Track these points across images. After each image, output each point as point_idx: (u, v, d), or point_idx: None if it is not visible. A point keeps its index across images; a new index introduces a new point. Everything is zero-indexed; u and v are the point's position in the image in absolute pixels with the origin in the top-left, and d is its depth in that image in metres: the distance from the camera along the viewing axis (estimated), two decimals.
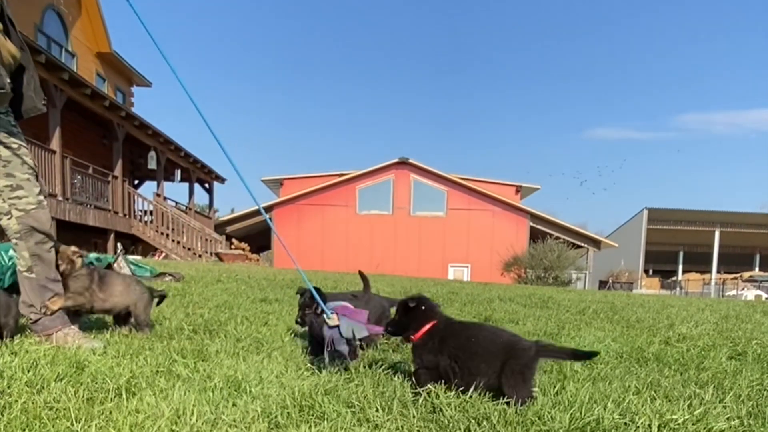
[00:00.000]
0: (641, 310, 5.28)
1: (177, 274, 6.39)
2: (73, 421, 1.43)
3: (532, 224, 24.67)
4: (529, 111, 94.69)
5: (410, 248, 24.70)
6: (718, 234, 36.56)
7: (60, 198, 11.96)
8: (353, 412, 1.65)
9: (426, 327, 1.96)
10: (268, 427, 1.52)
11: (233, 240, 21.27)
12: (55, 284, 2.42)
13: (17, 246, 2.32)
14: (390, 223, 24.96)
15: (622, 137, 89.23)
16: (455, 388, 1.83)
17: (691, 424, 1.63)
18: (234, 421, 1.52)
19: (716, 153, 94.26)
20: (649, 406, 1.76)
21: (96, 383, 1.77)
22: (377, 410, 1.65)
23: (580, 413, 1.64)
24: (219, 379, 1.90)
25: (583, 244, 25.11)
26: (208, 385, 1.84)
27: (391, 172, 24.99)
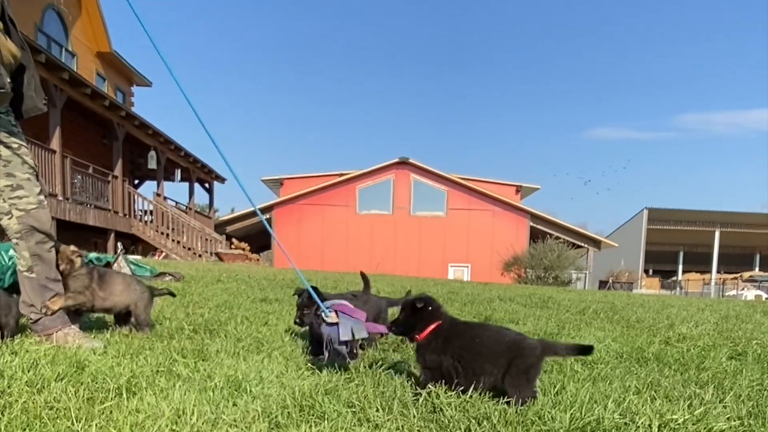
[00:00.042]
0: (641, 310, 5.28)
1: (177, 274, 6.40)
2: (74, 421, 1.43)
3: (532, 224, 24.67)
4: (529, 111, 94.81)
5: (410, 248, 24.70)
6: (718, 234, 36.58)
7: (60, 198, 11.96)
8: (353, 412, 1.65)
9: (431, 327, 1.96)
10: (269, 426, 1.52)
11: (233, 240, 21.26)
12: (56, 284, 2.42)
13: (18, 246, 2.32)
14: (390, 223, 24.96)
15: (623, 137, 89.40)
16: (457, 387, 1.83)
17: (692, 424, 1.63)
18: (234, 420, 1.52)
19: (716, 153, 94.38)
20: (650, 406, 1.76)
21: (96, 383, 1.77)
22: (377, 410, 1.65)
23: (581, 413, 1.64)
24: (219, 379, 1.90)
25: (583, 244, 25.11)
26: (208, 384, 1.84)
27: (391, 171, 24.98)
